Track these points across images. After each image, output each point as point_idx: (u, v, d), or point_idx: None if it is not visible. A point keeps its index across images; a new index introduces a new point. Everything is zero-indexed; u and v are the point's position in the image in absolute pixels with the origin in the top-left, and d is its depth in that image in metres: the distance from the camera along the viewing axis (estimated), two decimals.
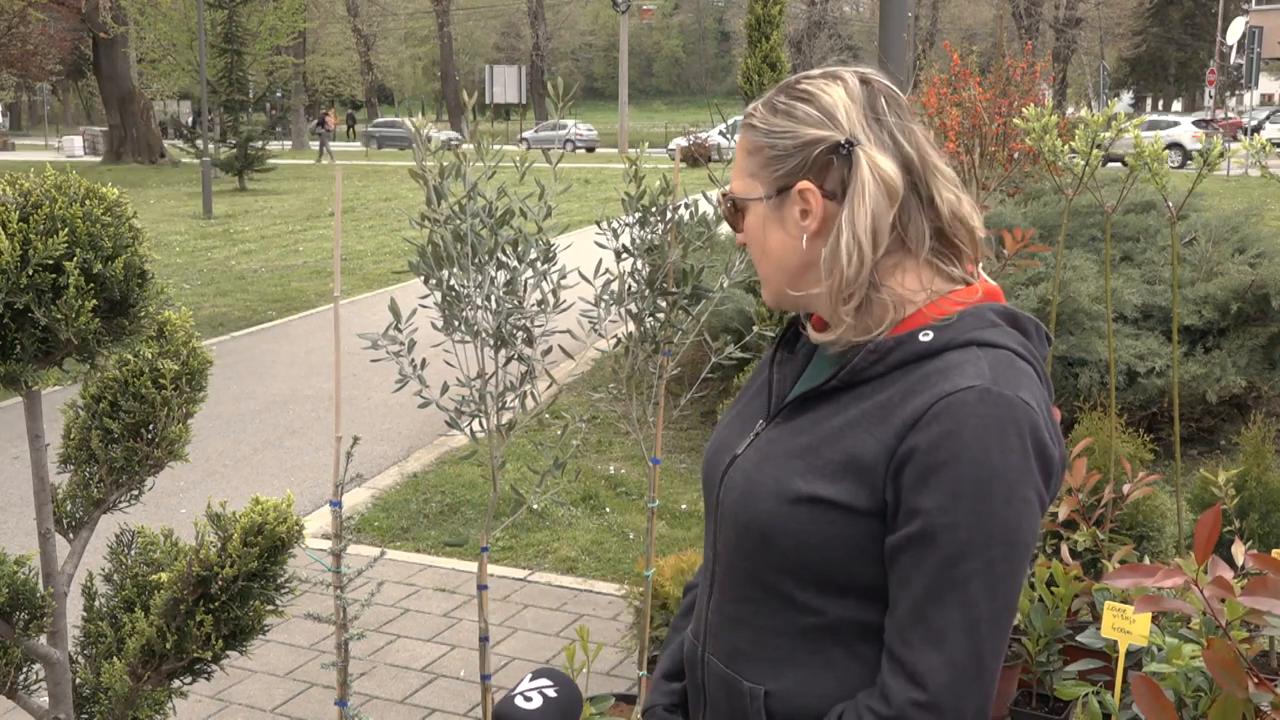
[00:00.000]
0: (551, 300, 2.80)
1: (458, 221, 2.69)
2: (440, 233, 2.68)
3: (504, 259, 2.74)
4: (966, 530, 1.31)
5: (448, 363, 2.79)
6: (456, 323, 2.75)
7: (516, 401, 2.83)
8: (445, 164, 2.67)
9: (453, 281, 2.73)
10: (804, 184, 1.43)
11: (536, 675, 1.59)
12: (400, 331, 2.71)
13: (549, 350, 2.81)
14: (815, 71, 1.49)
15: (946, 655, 1.31)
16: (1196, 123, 34.04)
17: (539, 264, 2.78)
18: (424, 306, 2.78)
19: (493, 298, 2.73)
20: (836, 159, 1.42)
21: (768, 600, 1.46)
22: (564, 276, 2.82)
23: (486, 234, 2.72)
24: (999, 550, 1.32)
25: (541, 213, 2.77)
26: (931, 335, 1.40)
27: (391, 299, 2.73)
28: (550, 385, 2.97)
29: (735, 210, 1.54)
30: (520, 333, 2.76)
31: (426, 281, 2.73)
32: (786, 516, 1.40)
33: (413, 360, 2.74)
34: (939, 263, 1.45)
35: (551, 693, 1.56)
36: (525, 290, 2.77)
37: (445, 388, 2.77)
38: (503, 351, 2.78)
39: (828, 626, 1.42)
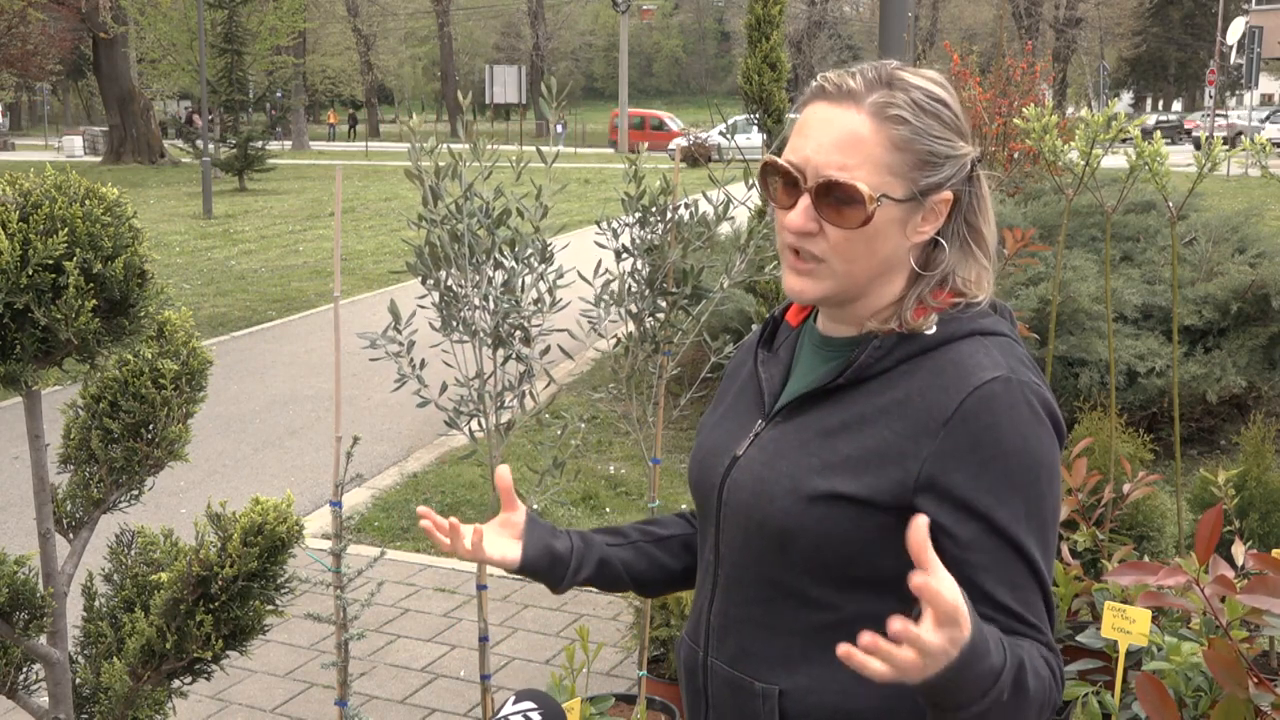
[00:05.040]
0: (548, 300, 2.80)
1: (454, 222, 2.69)
2: (437, 233, 2.68)
3: (501, 259, 2.74)
4: (1026, 517, 1.36)
5: (446, 363, 2.79)
6: (454, 323, 2.75)
7: (515, 401, 2.83)
8: (441, 164, 2.67)
9: (450, 282, 2.73)
10: (947, 195, 1.43)
11: (520, 698, 1.58)
12: (400, 332, 2.71)
13: (547, 350, 2.81)
14: (925, 72, 1.45)
15: (1046, 626, 1.37)
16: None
17: (536, 263, 2.78)
18: (422, 307, 2.78)
19: (490, 298, 2.73)
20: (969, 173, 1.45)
21: (779, 599, 1.46)
22: (561, 276, 2.82)
23: (484, 234, 2.72)
24: (1051, 527, 1.39)
25: (538, 213, 2.77)
26: (935, 328, 1.43)
27: (391, 300, 2.73)
28: (549, 385, 2.97)
29: (844, 200, 1.38)
30: (518, 332, 2.76)
31: (424, 282, 2.73)
32: (804, 514, 1.40)
33: (411, 360, 2.74)
34: None
35: (536, 716, 1.55)
36: (522, 290, 2.77)
37: (444, 387, 2.77)
38: (500, 351, 2.78)
39: (842, 622, 1.43)
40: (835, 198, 1.39)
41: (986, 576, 1.36)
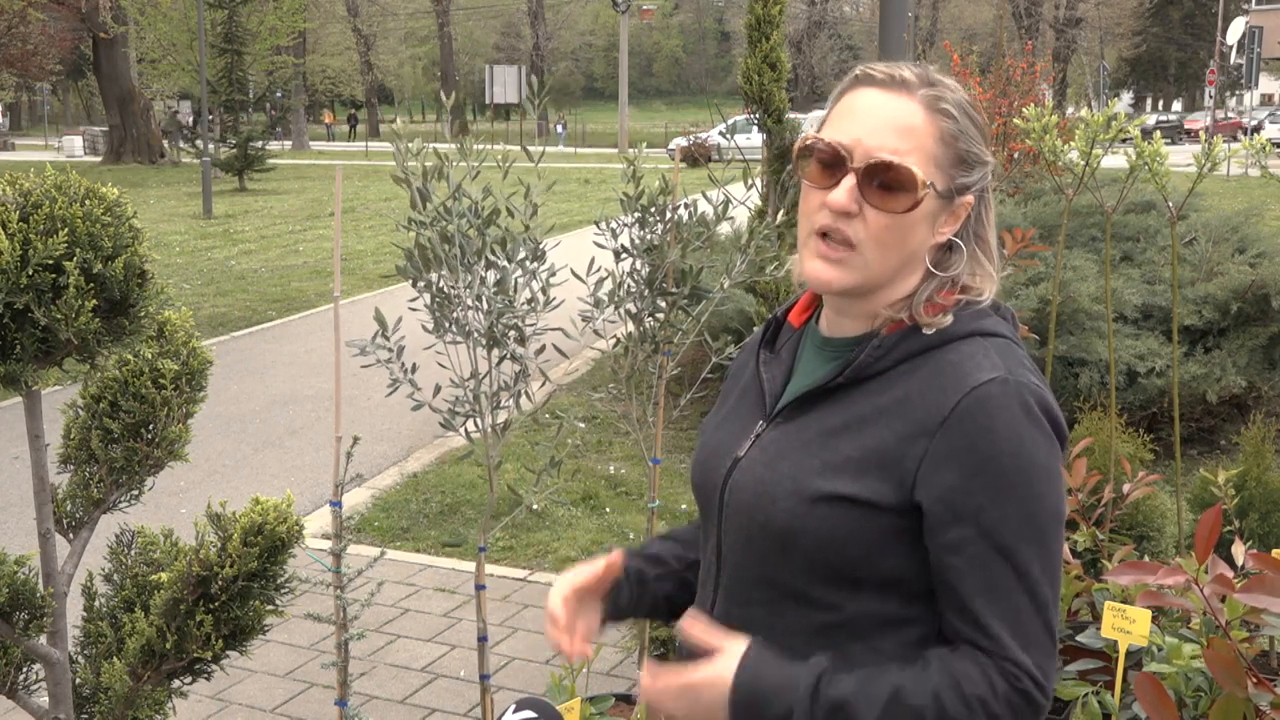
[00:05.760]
0: (541, 299, 2.79)
1: (444, 223, 2.68)
2: (427, 235, 2.68)
3: (493, 259, 2.74)
4: (1019, 521, 1.35)
5: (441, 364, 2.79)
6: (447, 324, 2.74)
7: (511, 401, 2.83)
8: (428, 165, 2.67)
9: (442, 283, 2.73)
10: (970, 199, 1.45)
11: (520, 707, 1.58)
12: (388, 339, 2.70)
13: (542, 349, 2.81)
14: (951, 80, 1.48)
15: (1030, 640, 1.35)
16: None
17: (528, 263, 2.78)
18: (413, 309, 2.78)
19: (483, 298, 2.72)
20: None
21: (781, 601, 1.46)
22: (553, 274, 2.81)
23: (474, 234, 2.72)
24: (1050, 531, 1.37)
25: (528, 211, 2.76)
26: (934, 328, 1.43)
27: (376, 308, 2.73)
28: (544, 384, 2.97)
29: (894, 184, 1.40)
30: (512, 332, 2.76)
31: (415, 284, 2.73)
32: (806, 515, 1.40)
33: (403, 364, 2.73)
34: None
35: None
36: (515, 289, 2.76)
37: (437, 389, 2.76)
38: (495, 351, 2.77)
39: (843, 623, 1.43)
40: (884, 180, 1.40)
41: (965, 582, 1.35)
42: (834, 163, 1.42)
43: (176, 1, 33.84)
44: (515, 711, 1.56)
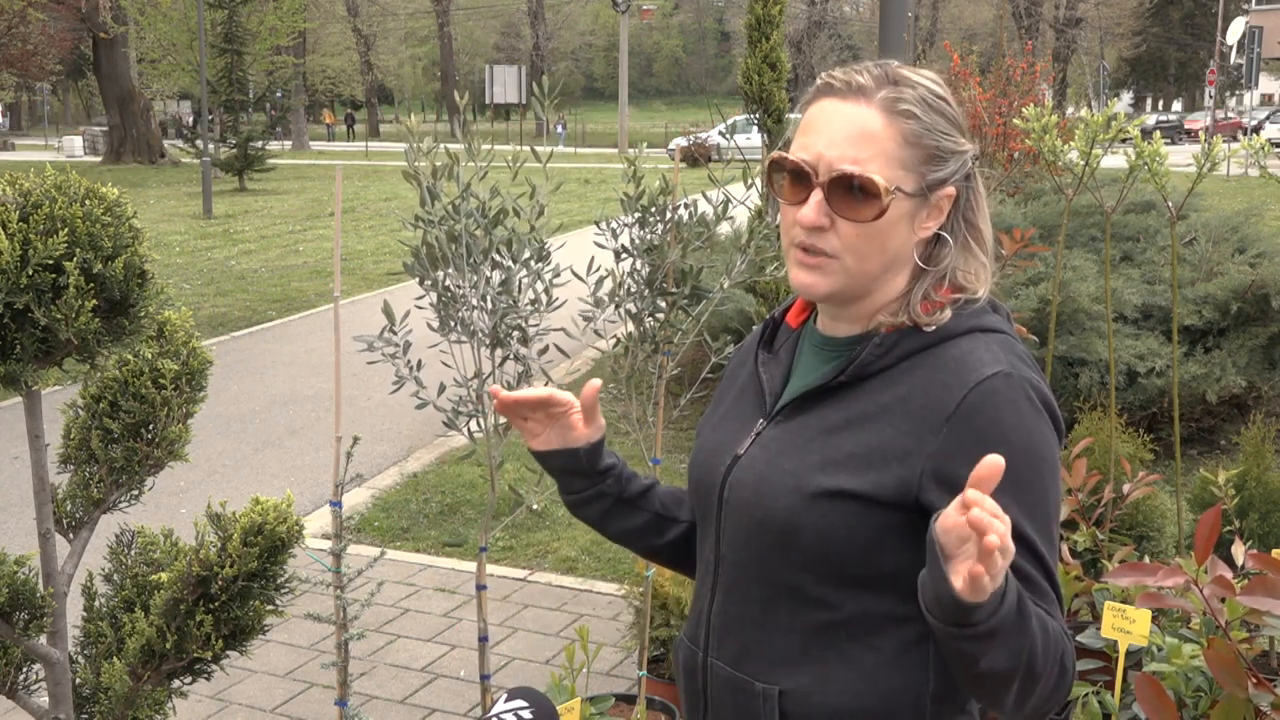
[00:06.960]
0: (545, 299, 2.80)
1: (452, 222, 2.68)
2: (434, 234, 2.68)
3: (498, 259, 2.74)
4: (1029, 511, 1.36)
5: (445, 363, 2.79)
6: (452, 323, 2.75)
7: None
8: (439, 164, 2.67)
9: (448, 282, 2.73)
10: (951, 190, 1.44)
11: (512, 696, 1.58)
12: (395, 334, 2.71)
13: (545, 350, 2.81)
14: (923, 71, 1.47)
15: (1056, 616, 1.35)
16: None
17: (533, 263, 2.78)
18: (420, 307, 2.78)
19: (488, 298, 2.72)
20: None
21: (780, 599, 1.46)
22: (557, 275, 2.82)
23: (481, 234, 2.72)
24: (1054, 524, 1.39)
25: (534, 212, 2.76)
26: (933, 325, 1.43)
27: (385, 301, 2.73)
28: (546, 384, 2.97)
29: (859, 193, 1.39)
30: (515, 332, 2.76)
31: (421, 283, 2.73)
32: (807, 511, 1.40)
33: (409, 361, 2.74)
34: None
35: (527, 714, 1.55)
36: (520, 290, 2.77)
37: (442, 388, 2.77)
38: (498, 351, 2.78)
39: (843, 621, 1.43)
40: (850, 191, 1.39)
41: None
42: (800, 178, 1.42)
43: (176, 1, 33.84)
44: (507, 700, 1.56)
